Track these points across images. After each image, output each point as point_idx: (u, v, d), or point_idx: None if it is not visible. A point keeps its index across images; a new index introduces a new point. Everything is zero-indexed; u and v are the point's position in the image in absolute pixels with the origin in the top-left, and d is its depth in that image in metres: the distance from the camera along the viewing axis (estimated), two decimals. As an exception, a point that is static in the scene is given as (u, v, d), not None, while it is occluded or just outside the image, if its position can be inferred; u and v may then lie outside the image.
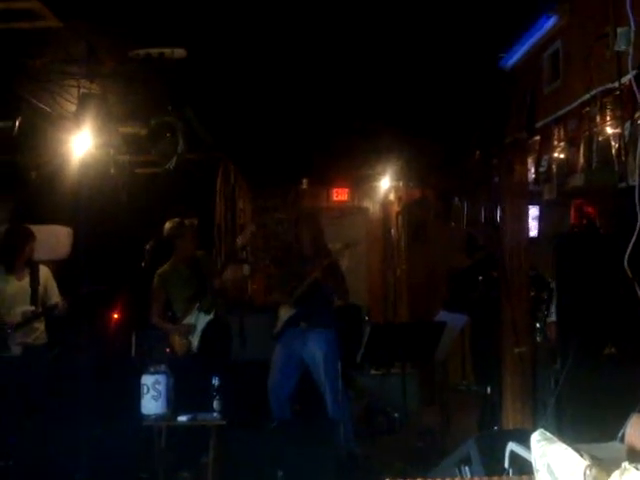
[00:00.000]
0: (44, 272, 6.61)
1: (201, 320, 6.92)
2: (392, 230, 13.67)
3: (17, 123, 6.10)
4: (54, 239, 7.65)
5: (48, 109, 6.47)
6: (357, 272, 11.47)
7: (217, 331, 7.01)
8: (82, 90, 6.13)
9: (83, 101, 6.06)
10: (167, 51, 5.49)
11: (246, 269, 11.20)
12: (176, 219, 7.02)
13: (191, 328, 6.90)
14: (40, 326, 6.53)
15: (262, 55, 6.15)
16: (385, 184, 13.06)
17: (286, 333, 6.88)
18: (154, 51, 5.50)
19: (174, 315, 7.04)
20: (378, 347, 6.35)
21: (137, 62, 5.62)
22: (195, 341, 6.90)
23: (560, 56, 5.47)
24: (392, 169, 11.78)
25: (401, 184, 12.43)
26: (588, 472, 2.29)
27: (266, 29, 5.57)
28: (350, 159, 10.94)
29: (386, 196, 13.84)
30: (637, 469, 2.17)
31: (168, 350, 6.97)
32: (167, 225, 7.02)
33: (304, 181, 13.32)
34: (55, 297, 6.55)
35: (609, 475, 2.24)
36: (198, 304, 6.91)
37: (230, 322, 7.55)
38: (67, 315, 6.52)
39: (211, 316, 6.91)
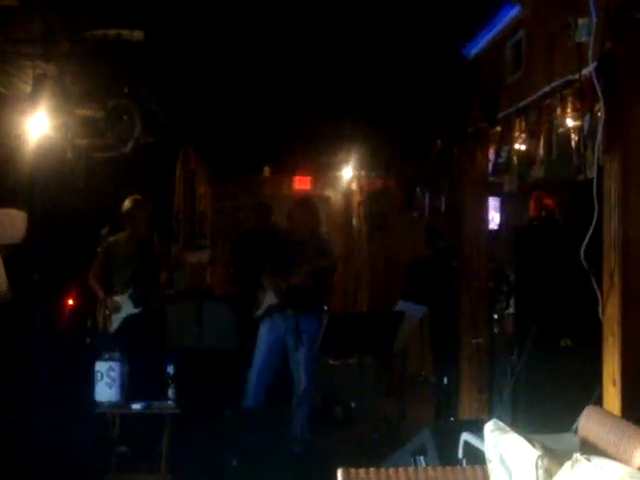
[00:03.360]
0: (-7, 256, 6.46)
1: (128, 307, 6.85)
2: (354, 220, 13.64)
3: (-31, 103, 5.95)
4: (8, 223, 7.48)
5: (2, 89, 6.32)
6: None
7: (147, 324, 6.91)
8: (37, 71, 5.99)
9: (38, 82, 5.92)
10: (125, 32, 5.38)
11: (205, 256, 11.09)
12: (136, 196, 7.02)
13: (116, 308, 6.84)
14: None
15: (223, 39, 6.07)
16: (347, 173, 13.03)
17: (272, 320, 6.87)
18: (111, 32, 5.39)
19: (111, 287, 6.98)
20: (336, 338, 6.30)
21: (94, 43, 5.50)
22: (115, 324, 6.84)
23: (523, 46, 5.45)
24: (354, 159, 11.76)
25: (363, 174, 12.41)
26: (540, 462, 2.27)
27: (226, 11, 5.49)
28: (313, 148, 10.90)
29: (348, 186, 13.82)
30: (588, 460, 2.16)
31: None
32: (126, 202, 7.02)
33: (266, 168, 13.25)
34: (3, 283, 6.40)
35: (561, 466, 2.23)
36: (131, 291, 6.86)
37: (187, 308, 7.48)
38: (16, 301, 6.38)
39: (138, 310, 6.84)
